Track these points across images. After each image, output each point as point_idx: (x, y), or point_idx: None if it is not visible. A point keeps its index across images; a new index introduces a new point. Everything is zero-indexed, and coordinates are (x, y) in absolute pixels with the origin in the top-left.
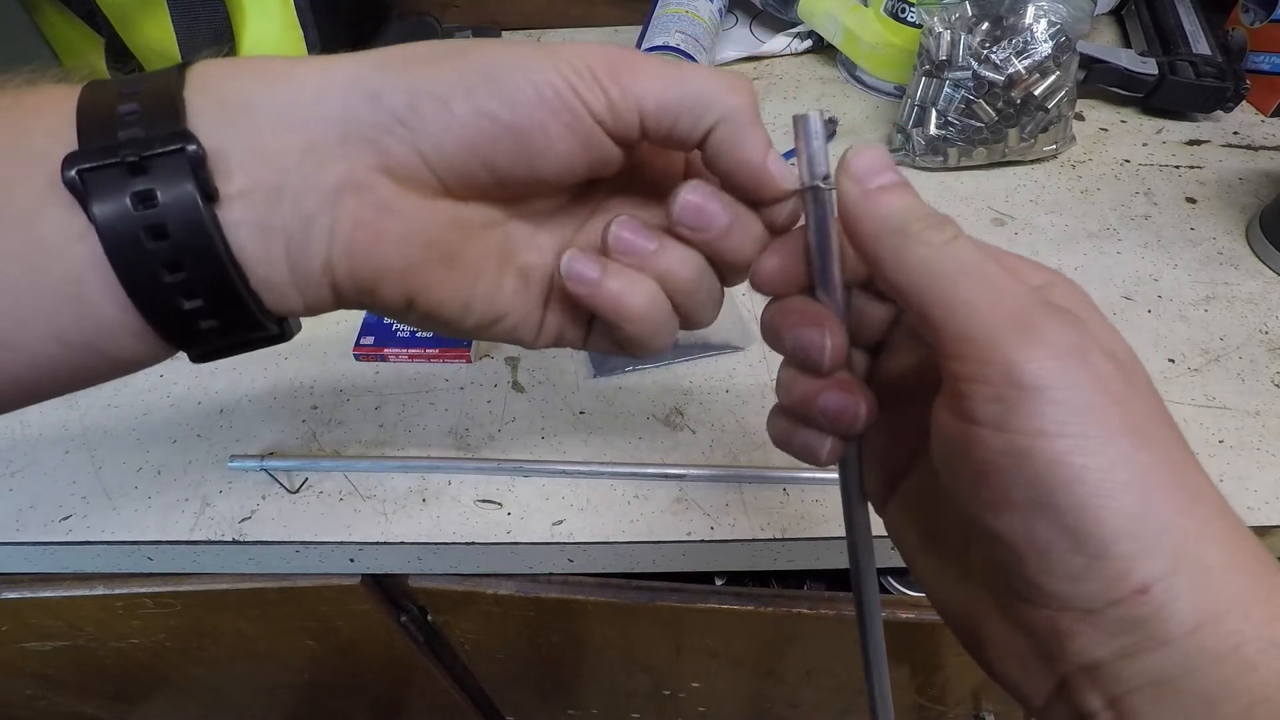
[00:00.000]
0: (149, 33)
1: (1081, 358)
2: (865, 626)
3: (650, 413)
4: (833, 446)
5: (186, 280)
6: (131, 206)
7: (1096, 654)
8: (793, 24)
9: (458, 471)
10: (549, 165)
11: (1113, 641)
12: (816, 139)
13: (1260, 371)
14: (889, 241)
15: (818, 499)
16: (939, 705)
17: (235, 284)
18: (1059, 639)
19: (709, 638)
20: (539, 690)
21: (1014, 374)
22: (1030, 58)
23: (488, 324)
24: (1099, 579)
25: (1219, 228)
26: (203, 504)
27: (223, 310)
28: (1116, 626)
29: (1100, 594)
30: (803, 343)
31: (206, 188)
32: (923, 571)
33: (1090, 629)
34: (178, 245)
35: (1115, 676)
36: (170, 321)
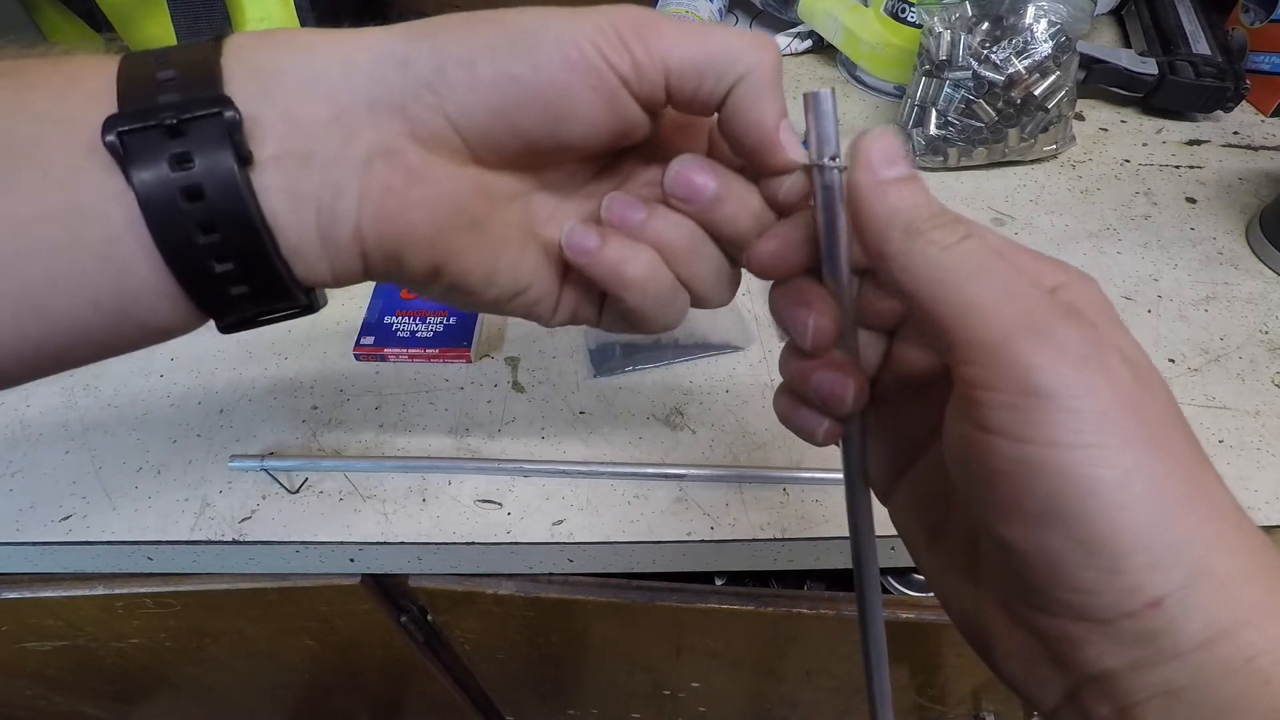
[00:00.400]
0: (149, 32)
1: (1097, 364)
2: (865, 616)
3: (650, 413)
4: (829, 427)
5: (219, 243)
6: (169, 168)
7: (1108, 664)
8: (793, 24)
9: (458, 471)
10: (575, 129)
11: (1125, 652)
12: (827, 117)
13: (1260, 371)
14: (897, 239)
15: (818, 499)
16: (939, 705)
17: (267, 248)
18: (1070, 647)
19: (709, 638)
20: (539, 690)
21: (1027, 381)
22: (1030, 58)
23: (509, 297)
24: (1112, 592)
25: (1219, 227)
26: (203, 504)
27: (254, 275)
28: (1128, 638)
29: (1113, 606)
30: (791, 322)
31: (241, 151)
32: (928, 567)
33: (1102, 639)
34: (212, 207)
35: (1126, 687)
36: (203, 285)
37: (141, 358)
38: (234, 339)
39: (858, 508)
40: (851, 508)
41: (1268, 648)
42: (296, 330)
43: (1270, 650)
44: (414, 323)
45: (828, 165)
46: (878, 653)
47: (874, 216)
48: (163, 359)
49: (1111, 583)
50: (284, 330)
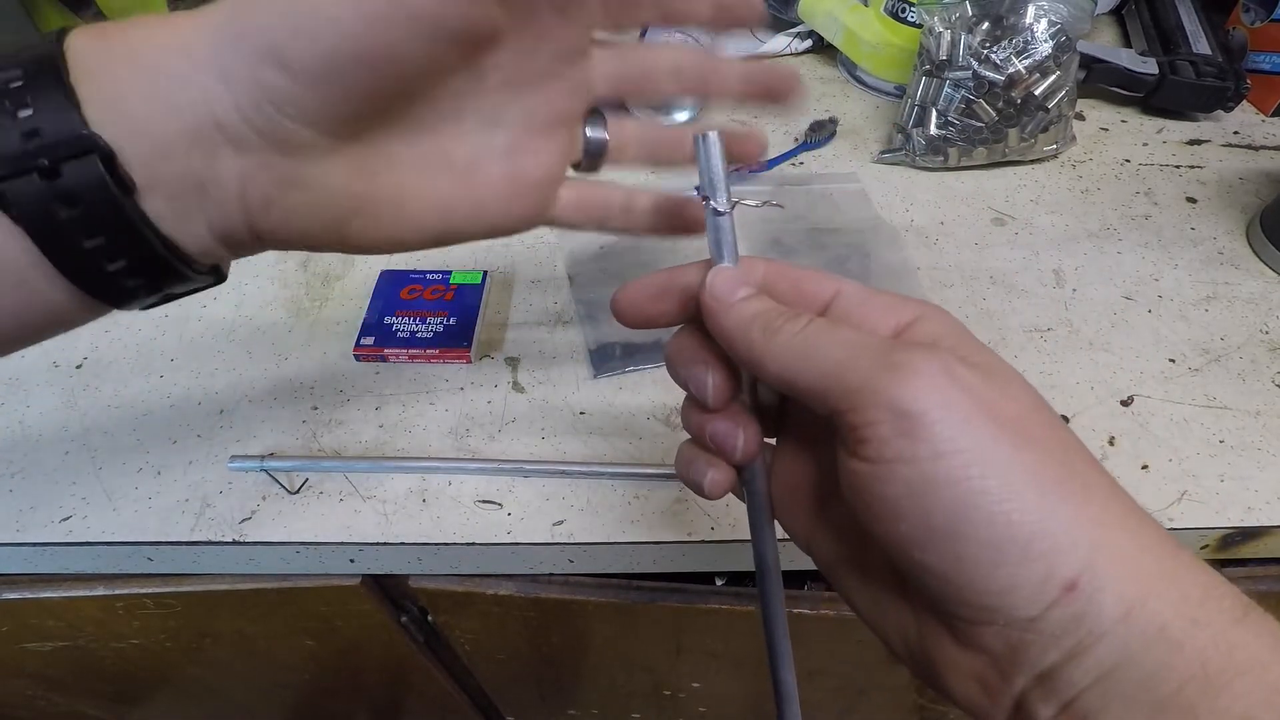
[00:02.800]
0: None
1: (946, 377)
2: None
3: (650, 413)
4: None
5: (106, 245)
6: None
7: (1049, 659)
8: (793, 24)
9: (458, 472)
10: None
11: (1059, 644)
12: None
13: (1261, 371)
14: (758, 339)
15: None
16: (939, 705)
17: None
18: (1011, 652)
19: (709, 638)
20: (539, 690)
21: (897, 406)
22: (1030, 57)
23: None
24: (1028, 585)
25: (1219, 227)
26: (203, 504)
27: (145, 269)
28: (1059, 628)
29: (1035, 599)
30: (690, 379)
31: (125, 183)
32: (866, 607)
33: (1036, 637)
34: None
35: (1067, 679)
36: (96, 283)
37: (141, 358)
38: (234, 339)
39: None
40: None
41: (1173, 615)
42: (296, 330)
43: (1176, 617)
44: (414, 323)
45: (713, 206)
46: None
47: (734, 329)
48: (163, 359)
49: (1023, 574)
50: (284, 330)
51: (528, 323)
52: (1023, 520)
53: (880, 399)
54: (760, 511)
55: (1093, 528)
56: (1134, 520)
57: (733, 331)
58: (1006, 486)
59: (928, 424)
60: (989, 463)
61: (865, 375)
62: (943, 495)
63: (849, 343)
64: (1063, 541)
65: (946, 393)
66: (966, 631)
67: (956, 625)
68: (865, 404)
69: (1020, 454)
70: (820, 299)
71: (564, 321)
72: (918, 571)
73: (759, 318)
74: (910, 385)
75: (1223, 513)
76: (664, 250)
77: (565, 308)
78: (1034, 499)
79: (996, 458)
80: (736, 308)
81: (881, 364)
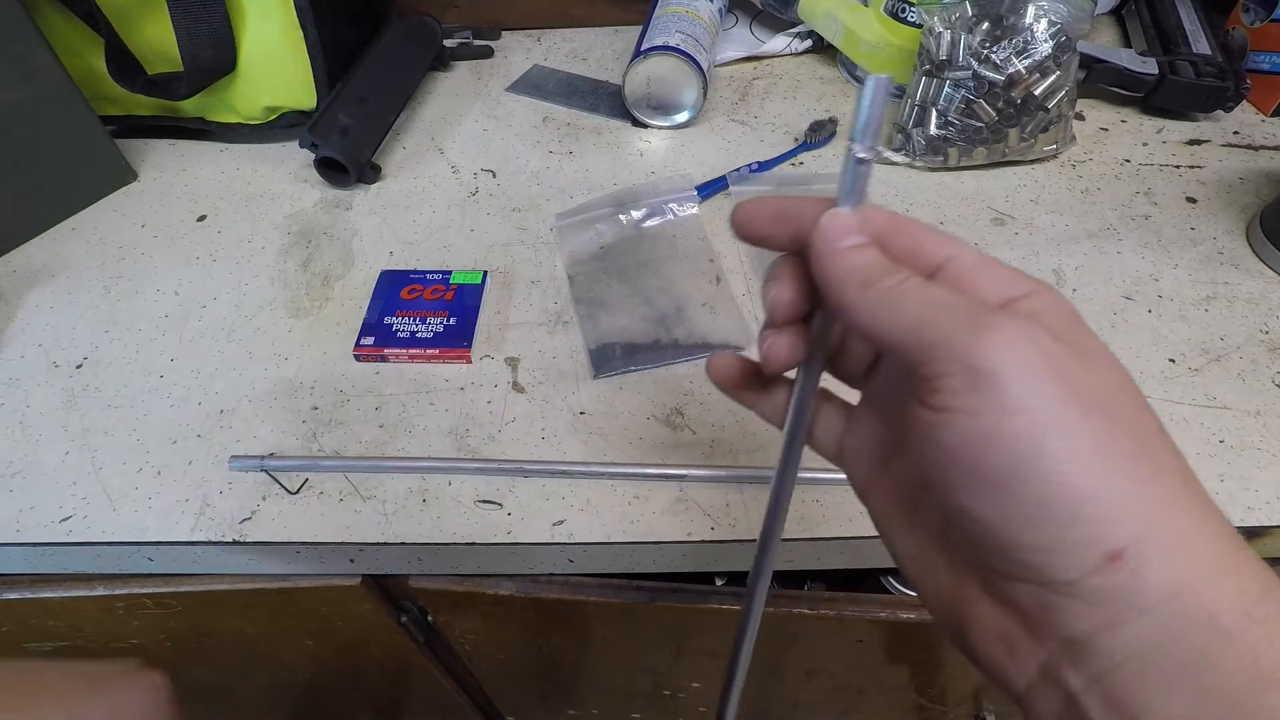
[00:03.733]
0: (149, 33)
1: (1029, 340)
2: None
3: (650, 413)
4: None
5: None
6: None
7: (1079, 626)
8: (793, 24)
9: (458, 472)
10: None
11: (1094, 613)
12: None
13: (1260, 371)
14: (853, 291)
15: (818, 499)
16: (939, 705)
17: None
18: (1044, 613)
19: (709, 638)
20: (539, 690)
21: (971, 363)
22: (1030, 57)
23: None
24: (1071, 548)
25: (1219, 227)
26: (203, 504)
27: None
28: (1095, 596)
29: (1075, 564)
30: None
31: None
32: (906, 555)
33: (1072, 601)
34: None
35: (1099, 651)
36: None
37: (141, 359)
38: (234, 339)
39: (783, 479)
40: (777, 479)
41: (1227, 605)
42: (296, 331)
43: (1230, 609)
44: (414, 323)
45: (855, 150)
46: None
47: (833, 274)
48: (163, 360)
49: (1070, 538)
50: (284, 330)
51: (528, 323)
52: (1077, 484)
53: (955, 353)
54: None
55: (1153, 505)
56: (1201, 511)
57: (831, 276)
58: (1068, 449)
59: (999, 381)
60: (1055, 426)
61: (947, 332)
62: (1000, 448)
63: (939, 301)
64: (1115, 511)
65: (1025, 355)
66: (1001, 587)
67: (992, 580)
68: (941, 357)
69: (1090, 422)
70: (934, 260)
71: (564, 321)
72: (964, 519)
73: (858, 270)
74: (988, 344)
75: (1223, 512)
76: (664, 250)
77: (565, 308)
78: (1095, 466)
79: (1064, 422)
80: (841, 254)
81: (966, 323)
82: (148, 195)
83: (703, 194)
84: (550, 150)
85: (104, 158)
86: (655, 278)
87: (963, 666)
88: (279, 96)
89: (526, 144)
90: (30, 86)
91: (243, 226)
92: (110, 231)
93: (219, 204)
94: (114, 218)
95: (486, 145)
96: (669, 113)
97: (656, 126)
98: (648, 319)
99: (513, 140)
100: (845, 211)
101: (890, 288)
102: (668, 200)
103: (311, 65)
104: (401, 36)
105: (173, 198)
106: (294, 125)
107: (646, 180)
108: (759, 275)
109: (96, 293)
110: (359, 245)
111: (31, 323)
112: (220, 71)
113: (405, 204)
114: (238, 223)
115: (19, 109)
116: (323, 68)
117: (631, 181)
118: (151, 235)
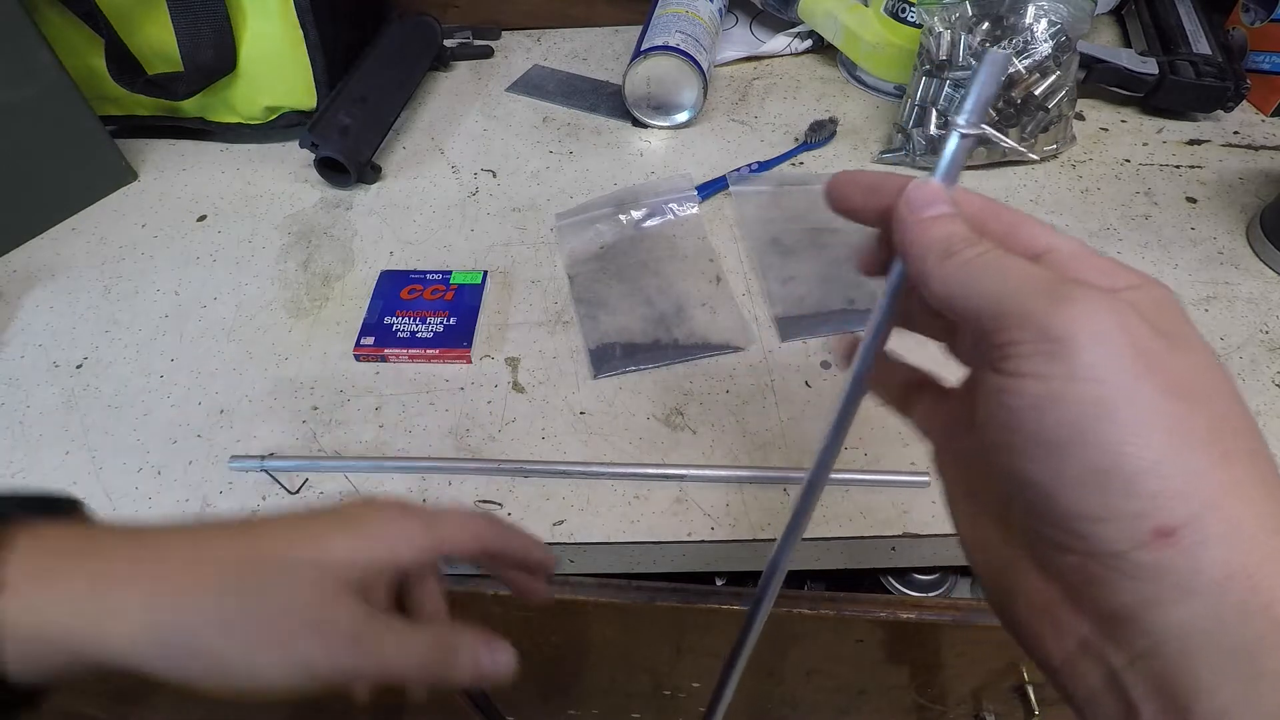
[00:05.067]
0: (149, 33)
1: (1111, 314)
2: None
3: (650, 413)
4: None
5: None
6: None
7: (1122, 600)
8: (793, 24)
9: (458, 472)
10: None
11: (1140, 588)
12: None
13: (1260, 371)
14: (933, 261)
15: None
16: (939, 705)
17: None
18: (1088, 585)
19: (709, 638)
20: (539, 690)
21: (1047, 329)
22: (1030, 57)
23: None
24: (1125, 519)
25: (1219, 227)
26: (203, 504)
27: None
28: (1143, 571)
29: (1126, 535)
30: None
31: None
32: (964, 530)
33: (1118, 575)
34: None
35: (1142, 628)
36: None
37: (141, 359)
38: (234, 339)
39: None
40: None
41: None
42: (296, 331)
43: None
44: (414, 323)
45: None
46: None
47: (914, 242)
48: (163, 360)
49: (1124, 509)
50: (284, 330)
51: (528, 323)
52: (1139, 456)
53: (1031, 321)
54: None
55: (1217, 490)
56: (1272, 503)
57: (912, 245)
58: (1135, 422)
59: (1073, 349)
60: (1124, 398)
61: (1025, 301)
62: (1064, 412)
63: (1018, 272)
64: (1175, 488)
65: (1103, 327)
66: (1050, 558)
67: (1042, 551)
68: (1016, 324)
69: (1163, 400)
70: (1031, 248)
71: (564, 321)
72: (1021, 484)
73: (939, 241)
74: (1065, 313)
75: None
76: (664, 250)
77: (565, 308)
78: (1160, 443)
79: (1134, 395)
80: (924, 223)
81: (1046, 294)
82: (148, 195)
83: (703, 194)
84: (550, 150)
85: (104, 158)
86: (655, 278)
87: (962, 666)
88: (279, 96)
89: (526, 144)
90: (30, 86)
91: (243, 226)
92: (110, 231)
93: (219, 204)
94: (114, 218)
95: (486, 145)
96: (669, 113)
97: (656, 126)
98: (648, 319)
99: (513, 140)
100: (933, 181)
101: (970, 259)
102: (668, 200)
103: (311, 65)
104: (401, 36)
105: (173, 198)
106: (294, 125)
107: (646, 180)
108: (759, 275)
109: (96, 293)
110: (359, 245)
111: (31, 323)
112: (220, 71)
113: (405, 204)
114: (238, 223)
115: (19, 109)
116: (323, 68)
117: (631, 181)
118: (151, 235)
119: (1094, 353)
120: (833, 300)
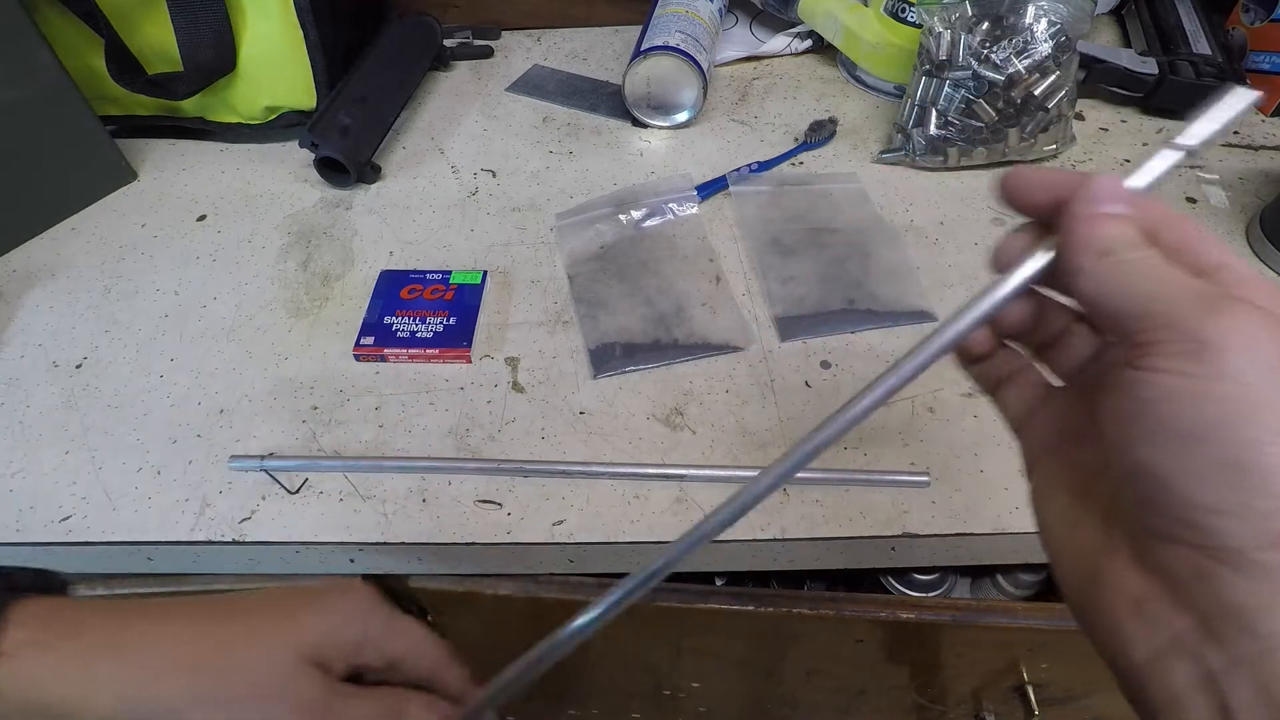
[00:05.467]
0: (149, 33)
1: (1265, 327)
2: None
3: (650, 413)
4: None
5: None
6: None
7: (1234, 599)
8: (793, 24)
9: (458, 472)
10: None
11: (1255, 589)
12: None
13: None
14: (1090, 259)
15: (818, 499)
16: (939, 705)
17: None
18: (1197, 581)
19: (709, 638)
20: (539, 690)
21: (1196, 334)
22: (1030, 57)
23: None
24: (1253, 517)
25: (1219, 228)
26: (203, 504)
27: None
28: (1260, 571)
29: (1249, 533)
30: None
31: None
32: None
33: (1232, 572)
34: None
35: (1252, 630)
36: None
37: (141, 359)
38: (234, 339)
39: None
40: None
41: None
42: (296, 331)
43: None
44: (414, 323)
45: (1178, 140)
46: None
47: (1079, 237)
48: (162, 360)
49: (1254, 507)
50: (284, 330)
51: (527, 323)
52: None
53: (1179, 326)
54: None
55: None
56: None
57: (1077, 237)
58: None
59: (1221, 352)
60: (1269, 403)
61: (1174, 306)
62: (1203, 406)
63: (1173, 281)
64: None
65: (1256, 338)
66: (1155, 550)
67: (1146, 544)
68: (1162, 326)
69: None
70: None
71: (564, 321)
72: (1138, 474)
73: (1103, 239)
74: (1217, 323)
75: None
76: (664, 250)
77: (565, 308)
78: None
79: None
80: (1096, 218)
81: (1199, 304)
82: (148, 195)
83: (703, 194)
84: (550, 150)
85: (104, 158)
86: (655, 278)
87: (962, 667)
88: (279, 96)
89: (526, 144)
90: (30, 86)
91: (243, 226)
92: (110, 231)
93: (219, 204)
94: (114, 218)
95: (486, 145)
96: (669, 113)
97: (656, 126)
98: (648, 319)
99: (513, 140)
100: (1118, 180)
101: (1127, 260)
102: (668, 200)
103: (311, 65)
104: (401, 36)
105: (173, 198)
106: (294, 125)
107: (646, 180)
108: (759, 275)
109: (96, 293)
110: (359, 245)
111: (31, 323)
112: (220, 71)
113: (405, 204)
114: (238, 223)
115: (19, 109)
116: (323, 68)
117: (631, 181)
118: (151, 235)
119: (1243, 358)
120: (833, 300)
